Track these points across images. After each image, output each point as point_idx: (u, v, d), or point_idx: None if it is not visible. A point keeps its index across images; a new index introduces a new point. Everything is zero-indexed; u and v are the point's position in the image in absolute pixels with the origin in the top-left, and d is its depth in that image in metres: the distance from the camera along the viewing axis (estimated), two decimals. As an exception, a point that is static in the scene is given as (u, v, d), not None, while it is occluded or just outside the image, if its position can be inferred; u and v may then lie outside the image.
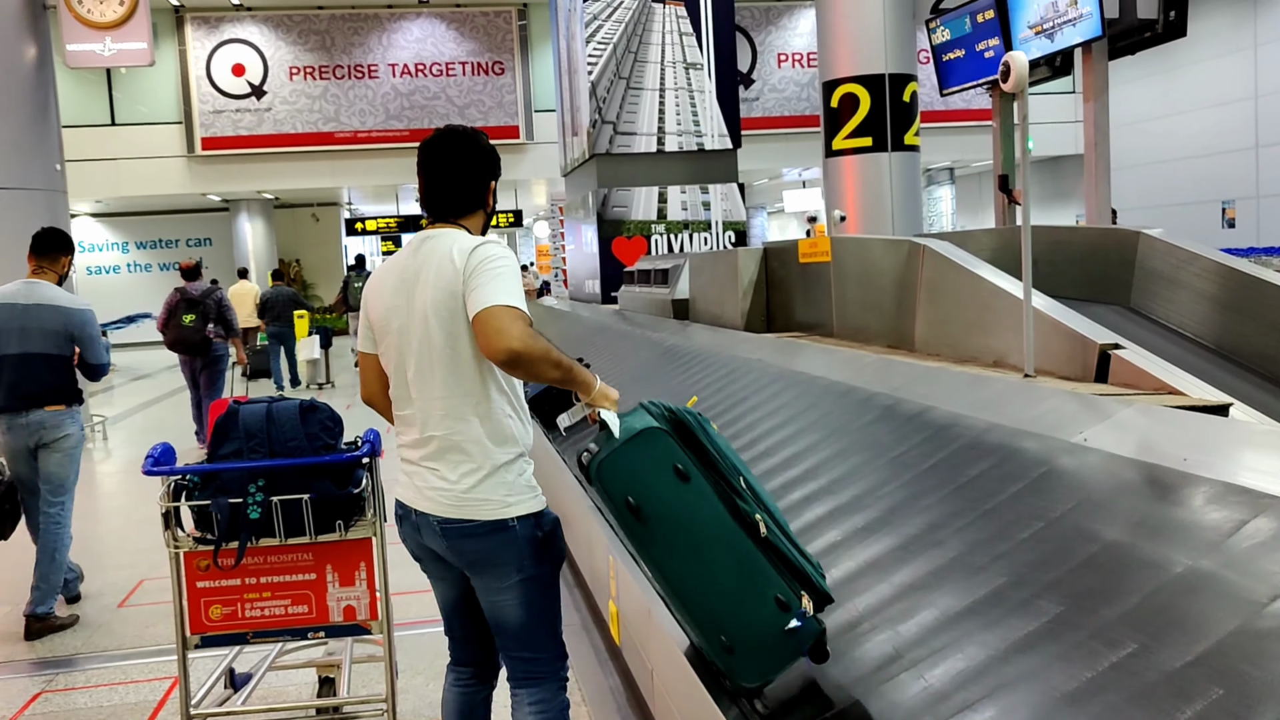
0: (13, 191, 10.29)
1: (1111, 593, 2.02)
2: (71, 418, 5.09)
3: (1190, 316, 4.86)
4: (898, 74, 11.04)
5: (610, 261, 13.02)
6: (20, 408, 4.94)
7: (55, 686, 4.26)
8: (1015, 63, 3.33)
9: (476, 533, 2.51)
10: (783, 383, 4.70)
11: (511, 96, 21.92)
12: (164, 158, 20.95)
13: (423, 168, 2.66)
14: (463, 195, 2.65)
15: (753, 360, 5.37)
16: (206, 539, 3.09)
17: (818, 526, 3.11)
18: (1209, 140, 19.09)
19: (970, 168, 26.25)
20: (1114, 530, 2.21)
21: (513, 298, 2.40)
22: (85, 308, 5.23)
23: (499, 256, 2.46)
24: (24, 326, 5.00)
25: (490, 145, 2.73)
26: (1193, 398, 3.02)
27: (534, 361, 2.36)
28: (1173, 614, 1.88)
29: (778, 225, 36.54)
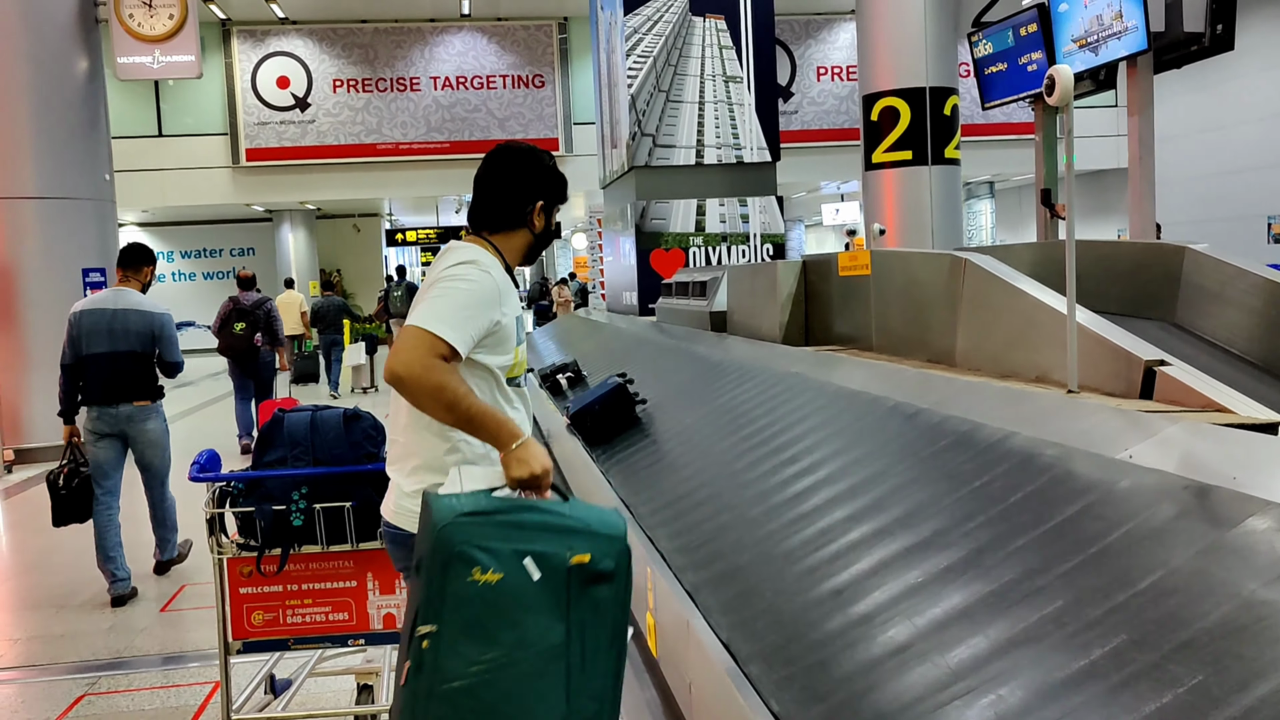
0: (63, 201, 10.48)
1: (1171, 621, 1.98)
2: (155, 411, 5.81)
3: (1237, 333, 4.79)
4: (939, 87, 11.01)
5: (648, 273, 13.04)
6: (110, 401, 5.60)
7: (98, 689, 4.31)
8: (1060, 76, 3.31)
9: (406, 542, 2.42)
10: (822, 397, 4.69)
11: (551, 109, 22.01)
12: (209, 168, 21.22)
13: (476, 177, 2.61)
14: (495, 209, 2.57)
15: (791, 373, 5.36)
16: (250, 545, 3.13)
17: (859, 547, 3.08)
18: (1255, 154, 18.84)
19: (1010, 181, 26.05)
20: (1167, 553, 2.18)
21: (435, 320, 2.28)
22: (165, 312, 5.97)
23: (459, 276, 2.36)
24: (112, 329, 5.64)
25: (548, 167, 2.62)
26: (1241, 415, 2.98)
27: (416, 392, 2.25)
28: (1233, 647, 1.83)
29: (815, 239, 36.43)
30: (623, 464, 5.23)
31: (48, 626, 5.17)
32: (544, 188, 2.59)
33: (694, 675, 3.18)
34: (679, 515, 3.73)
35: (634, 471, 5.01)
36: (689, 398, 6.21)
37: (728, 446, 4.45)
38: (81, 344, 5.62)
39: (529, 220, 2.58)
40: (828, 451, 3.98)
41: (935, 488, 3.11)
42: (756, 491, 3.97)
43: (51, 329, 10.20)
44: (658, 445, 5.28)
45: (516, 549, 2.08)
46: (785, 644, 2.78)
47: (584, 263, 29.22)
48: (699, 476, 4.31)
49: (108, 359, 5.60)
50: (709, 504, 3.89)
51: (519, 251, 2.60)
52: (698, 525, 3.73)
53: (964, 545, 2.70)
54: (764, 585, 3.20)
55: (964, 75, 13.28)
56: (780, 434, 4.50)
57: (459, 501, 2.15)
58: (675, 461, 4.84)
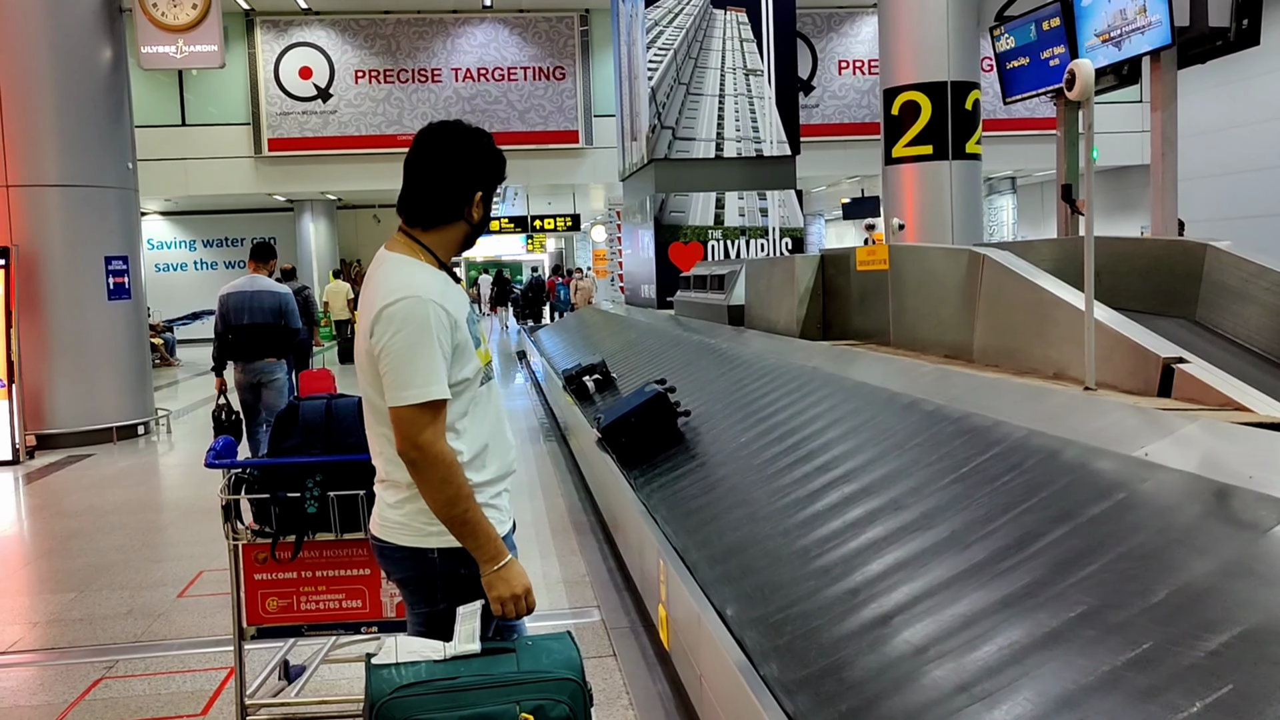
0: (86, 189, 10.54)
1: (1195, 622, 1.95)
2: (280, 366, 7.62)
3: (1259, 331, 4.75)
4: (960, 82, 10.96)
5: (666, 266, 13.03)
6: (250, 358, 7.50)
7: (115, 673, 4.35)
8: (1081, 71, 3.29)
9: (392, 555, 2.37)
10: (840, 392, 4.68)
11: (572, 101, 22.01)
12: (232, 158, 21.31)
13: (405, 163, 2.38)
14: (431, 204, 2.36)
15: (809, 368, 5.35)
16: (265, 532, 3.14)
17: (878, 545, 3.08)
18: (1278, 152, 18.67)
19: (1032, 177, 25.89)
20: (1186, 553, 2.17)
21: (408, 388, 2.18)
22: (287, 292, 7.76)
23: (405, 326, 2.19)
24: (251, 306, 7.48)
25: (488, 147, 2.39)
26: (1259, 414, 2.96)
27: (428, 473, 2.20)
28: (1257, 649, 1.81)
29: (835, 233, 36.31)
30: (666, 492, 4.67)
31: (67, 610, 5.22)
32: (483, 175, 2.37)
33: (705, 669, 3.19)
34: (770, 615, 2.95)
35: (681, 503, 4.42)
36: (703, 388, 6.19)
37: (792, 475, 3.95)
38: (230, 317, 7.45)
39: (466, 213, 2.38)
40: (846, 447, 3.98)
41: (952, 487, 3.10)
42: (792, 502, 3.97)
43: (74, 316, 10.31)
44: (707, 468, 4.67)
45: (462, 715, 2.04)
46: (796, 639, 2.78)
47: (603, 255, 29.21)
48: (763, 514, 3.70)
49: (249, 329, 7.44)
50: (772, 564, 3.35)
51: (455, 245, 2.41)
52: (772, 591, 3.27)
53: (982, 546, 2.69)
54: (779, 580, 3.20)
55: (986, 70, 13.20)
56: (798, 429, 4.49)
57: (397, 674, 2.11)
58: (731, 492, 4.21)
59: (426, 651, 2.18)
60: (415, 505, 2.30)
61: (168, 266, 26.55)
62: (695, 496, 4.35)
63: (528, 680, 2.12)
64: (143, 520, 7.20)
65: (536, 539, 5.97)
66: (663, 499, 4.55)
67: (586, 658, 2.27)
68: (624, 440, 5.24)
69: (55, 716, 3.92)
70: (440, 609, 2.32)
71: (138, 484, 8.62)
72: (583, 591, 5.19)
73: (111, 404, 10.78)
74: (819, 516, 3.38)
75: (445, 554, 2.31)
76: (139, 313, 11.31)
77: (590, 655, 4.10)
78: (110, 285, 10.71)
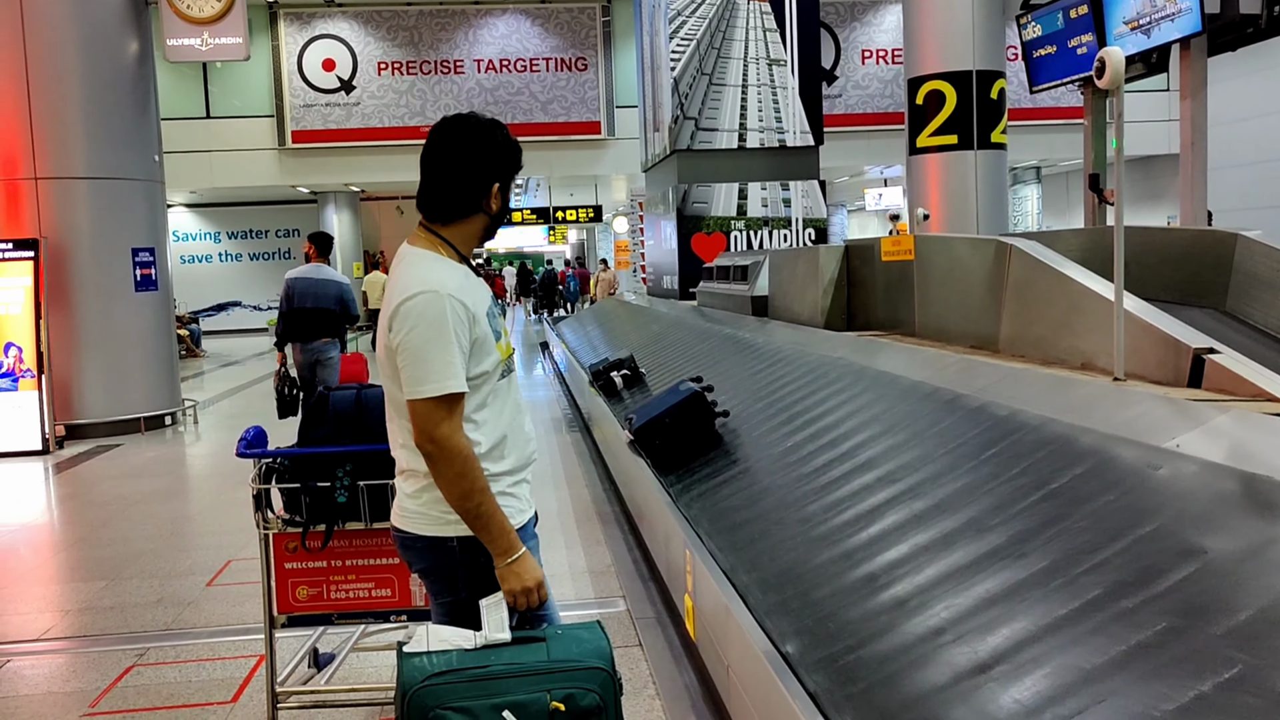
0: (113, 181, 10.62)
1: (1213, 608, 1.97)
2: (334, 345, 8.41)
3: (1290, 322, 4.72)
4: (985, 70, 10.89)
5: (689, 257, 13.03)
6: (309, 339, 8.30)
7: (146, 660, 4.39)
8: (1111, 58, 3.27)
9: (413, 545, 2.40)
10: (865, 382, 4.67)
11: (594, 92, 22.00)
12: (256, 150, 21.43)
13: (421, 158, 2.39)
14: (451, 198, 2.37)
15: (834, 358, 5.34)
16: (295, 521, 3.17)
17: (899, 531, 3.08)
18: (1310, 141, 18.44)
19: (1058, 167, 25.71)
20: (1212, 540, 2.16)
21: (426, 383, 2.21)
22: (346, 281, 8.61)
23: (423, 321, 2.22)
24: (314, 292, 8.28)
25: (503, 138, 2.40)
26: (1292, 405, 2.94)
27: (444, 465, 2.22)
28: (1273, 629, 1.82)
29: (858, 224, 36.20)
30: (707, 502, 4.32)
31: (98, 599, 5.27)
32: (500, 167, 2.38)
33: (733, 659, 3.19)
34: (838, 654, 2.66)
35: (724, 515, 4.08)
36: (727, 379, 6.18)
37: (849, 485, 3.72)
38: (294, 300, 8.24)
39: (485, 205, 2.39)
40: (869, 435, 3.97)
41: (980, 478, 3.09)
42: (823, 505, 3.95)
43: (102, 307, 10.40)
44: (751, 475, 4.34)
45: (493, 703, 2.06)
46: (820, 625, 2.78)
47: (625, 246, 29.21)
48: (817, 533, 3.39)
49: (311, 312, 8.24)
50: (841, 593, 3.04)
51: (475, 237, 2.43)
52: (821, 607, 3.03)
53: (1003, 532, 2.68)
54: (849, 616, 3.19)
55: (1011, 59, 13.12)
56: (821, 417, 4.49)
57: (428, 661, 2.13)
58: (779, 507, 3.83)
59: (458, 640, 2.20)
60: (433, 494, 2.31)
61: (193, 258, 26.73)
62: (739, 509, 4.05)
63: (558, 669, 2.14)
64: (171, 509, 7.26)
65: (561, 529, 5.99)
66: (704, 510, 4.23)
67: (613, 648, 2.28)
68: (658, 443, 4.92)
69: (88, 703, 3.97)
70: (463, 598, 2.34)
71: (166, 474, 8.69)
72: (608, 581, 5.21)
73: (139, 395, 10.87)
74: (885, 537, 3.31)
75: (465, 543, 2.32)
76: (166, 304, 11.39)
77: (616, 645, 4.12)
78: (137, 277, 10.79)
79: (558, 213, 27.47)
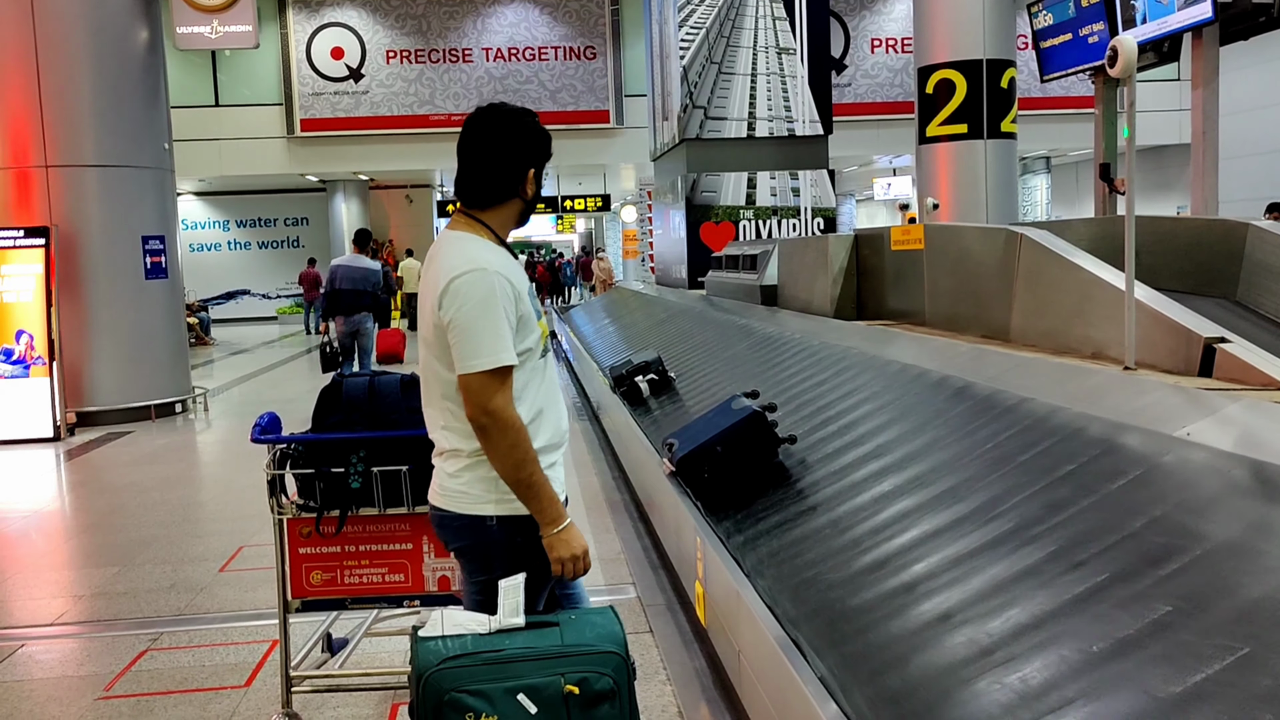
0: (124, 169, 10.64)
1: (1221, 594, 1.98)
2: (369, 319, 10.34)
3: (1301, 312, 4.71)
4: (996, 59, 10.87)
5: (698, 247, 13.02)
6: (349, 313, 10.18)
7: (160, 645, 4.43)
8: (1124, 47, 3.27)
9: (451, 524, 2.45)
10: (875, 371, 4.68)
11: (603, 81, 21.98)
12: (265, 138, 21.45)
13: (458, 149, 2.49)
14: (489, 184, 2.46)
15: (844, 347, 5.35)
16: (309, 506, 3.19)
17: (908, 517, 3.10)
18: (1321, 131, 18.37)
19: (1067, 157, 25.63)
20: (1222, 529, 2.17)
21: (479, 357, 2.27)
22: (378, 267, 10.58)
23: (473, 297, 2.29)
24: (353, 276, 10.18)
25: (535, 126, 2.49)
26: (1303, 394, 2.94)
27: (498, 437, 2.28)
28: (1258, 599, 1.84)
29: (866, 213, 36.12)
30: (778, 561, 3.34)
31: (110, 584, 5.31)
32: (533, 153, 2.48)
33: (744, 644, 3.21)
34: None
35: (808, 586, 3.05)
36: (737, 368, 6.17)
37: (857, 476, 3.53)
38: (337, 282, 10.12)
39: (521, 190, 2.48)
40: (879, 422, 3.98)
41: (988, 465, 3.11)
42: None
43: (113, 295, 10.44)
44: (837, 524, 3.36)
45: (508, 687, 2.08)
46: (830, 609, 2.79)
47: (633, 235, 29.22)
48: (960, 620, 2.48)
49: (351, 293, 10.12)
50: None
51: (512, 221, 2.52)
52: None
53: (1011, 518, 2.70)
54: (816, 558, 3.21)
55: (1022, 48, 13.07)
56: (831, 405, 4.50)
57: (443, 645, 2.15)
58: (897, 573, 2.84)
59: (472, 624, 2.22)
60: (474, 474, 2.38)
61: (201, 246, 26.78)
62: (826, 572, 3.06)
63: (572, 653, 2.16)
64: (183, 496, 7.30)
65: (571, 516, 5.98)
66: (778, 577, 3.21)
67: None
68: (707, 475, 4.09)
69: (103, 687, 4.00)
70: (497, 577, 2.36)
71: (177, 461, 8.74)
72: (618, 569, 5.23)
73: (150, 382, 10.91)
74: (895, 523, 3.28)
75: (503, 522, 2.39)
76: (176, 292, 11.42)
77: (627, 631, 4.15)
78: (147, 265, 10.82)
79: (566, 202, 27.44)
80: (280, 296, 26.89)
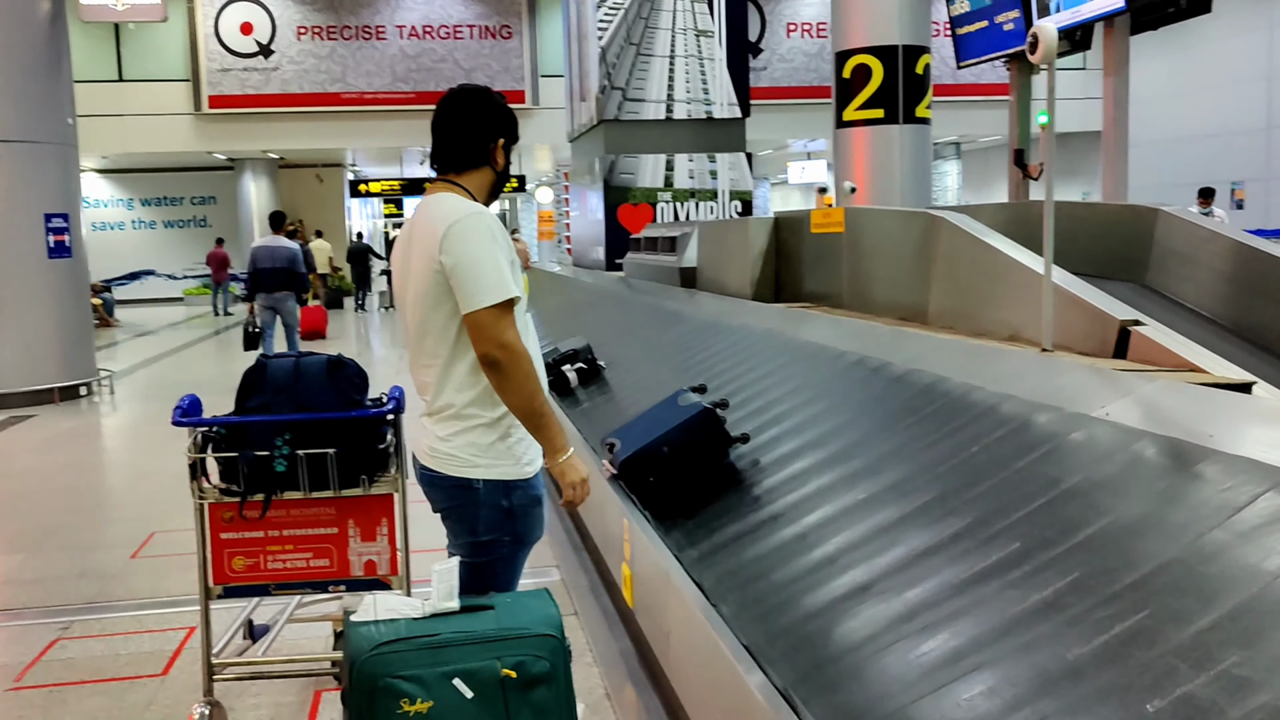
0: (25, 145, 10.25)
1: (1125, 563, 2.07)
2: (291, 297, 10.53)
3: (1208, 296, 4.87)
4: (911, 46, 10.98)
5: (616, 229, 13.01)
6: (270, 291, 10.35)
7: (71, 634, 4.30)
8: (1044, 34, 3.33)
9: (440, 484, 2.55)
10: (792, 352, 4.72)
11: (518, 61, 21.78)
12: (171, 115, 20.85)
13: (432, 123, 2.65)
14: (461, 149, 2.61)
15: (762, 329, 5.39)
16: (232, 491, 3.12)
17: (825, 493, 3.16)
18: (1221, 120, 18.99)
19: (978, 143, 26.12)
20: (1135, 504, 2.24)
21: (490, 292, 2.38)
22: (296, 247, 10.77)
23: (474, 237, 2.42)
24: (273, 256, 10.38)
25: (502, 104, 2.67)
26: (1215, 375, 3.04)
27: (512, 370, 2.39)
28: (1187, 586, 1.92)
29: (780, 196, 36.40)
30: (742, 581, 2.97)
31: (16, 572, 5.14)
32: (502, 125, 2.64)
33: (673, 624, 3.23)
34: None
35: (777, 613, 2.71)
36: (654, 351, 6.18)
37: (774, 455, 3.53)
38: (258, 263, 10.33)
39: (491, 158, 2.63)
40: (795, 403, 4.02)
41: (909, 445, 3.16)
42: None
43: (14, 274, 10.07)
44: (805, 535, 3.01)
45: (443, 671, 2.07)
46: (753, 585, 2.82)
47: (549, 217, 29.04)
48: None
49: (270, 271, 10.30)
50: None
51: (484, 190, 2.64)
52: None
53: (926, 493, 2.75)
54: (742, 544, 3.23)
55: (936, 35, 13.25)
56: (748, 386, 4.53)
57: (376, 630, 2.12)
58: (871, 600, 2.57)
59: (405, 609, 2.20)
60: (465, 438, 2.51)
61: (105, 225, 25.91)
62: (795, 595, 2.73)
63: (509, 637, 2.15)
64: (90, 481, 7.10)
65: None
66: (743, 604, 2.84)
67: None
68: (653, 480, 3.73)
69: (13, 678, 3.87)
70: (482, 539, 2.51)
71: (83, 445, 8.48)
72: (541, 551, 5.21)
73: (53, 364, 10.54)
74: (812, 499, 3.35)
75: (489, 485, 2.51)
76: (80, 271, 11.05)
77: (553, 613, 4.14)
78: (50, 243, 10.44)
79: (481, 182, 27.09)
80: (187, 277, 26.17)
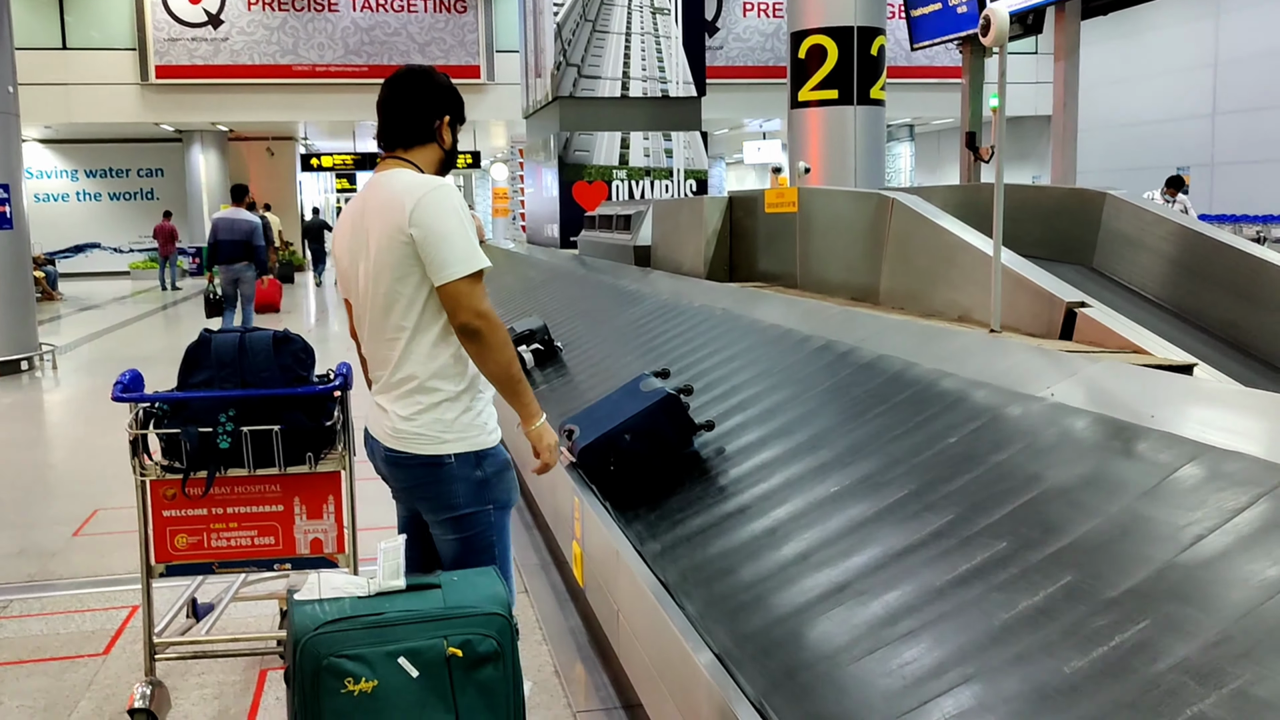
0: (-39, 112, 10.00)
1: (1058, 531, 2.14)
2: (250, 268, 10.89)
3: (1153, 279, 4.94)
4: (866, 27, 11.00)
5: (570, 206, 12.96)
6: (230, 263, 10.75)
7: (9, 613, 4.22)
8: (996, 16, 3.34)
9: (406, 464, 2.54)
10: (744, 331, 4.73)
11: (473, 36, 21.58)
12: (117, 85, 20.43)
13: (378, 104, 2.66)
14: (407, 126, 2.61)
15: (715, 309, 5.39)
16: (175, 468, 3.07)
17: (772, 466, 3.19)
18: (1167, 106, 19.26)
19: (930, 125, 26.31)
20: (1068, 477, 2.28)
21: (467, 262, 2.41)
22: (258, 221, 11.14)
23: (444, 209, 2.43)
24: (232, 228, 10.76)
25: (447, 84, 2.70)
26: (1158, 357, 3.09)
27: (491, 340, 2.43)
28: (1116, 552, 2.00)
29: (735, 176, 36.47)
30: (709, 580, 2.80)
31: (-47, 551, 5.04)
32: (447, 102, 2.66)
33: (623, 603, 3.23)
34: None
35: (743, 609, 2.57)
36: (607, 329, 6.16)
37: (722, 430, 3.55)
38: (219, 234, 10.71)
39: (438, 135, 2.64)
40: (744, 379, 4.03)
41: (847, 418, 3.18)
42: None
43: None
44: (775, 530, 2.86)
45: (388, 650, 2.05)
46: (698, 556, 2.83)
47: (504, 194, 28.86)
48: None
49: (230, 243, 10.69)
50: None
51: (434, 167, 2.65)
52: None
53: (866, 467, 2.77)
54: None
55: (891, 17, 13.29)
56: (699, 363, 4.53)
57: (320, 609, 2.09)
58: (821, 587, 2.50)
59: (350, 588, 2.17)
60: (430, 415, 2.50)
61: (48, 197, 25.40)
62: (764, 594, 2.58)
63: (455, 615, 2.13)
64: (32, 458, 6.97)
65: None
66: (709, 602, 2.69)
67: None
68: (613, 468, 3.62)
69: (-52, 658, 3.80)
70: (465, 513, 2.53)
71: (24, 421, 8.32)
72: (492, 529, 5.19)
73: (-7, 338, 10.35)
74: (757, 471, 3.40)
75: (461, 458, 2.52)
76: (21, 243, 10.81)
77: (503, 591, 4.13)
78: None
79: (435, 158, 26.89)
80: (133, 251, 25.72)
